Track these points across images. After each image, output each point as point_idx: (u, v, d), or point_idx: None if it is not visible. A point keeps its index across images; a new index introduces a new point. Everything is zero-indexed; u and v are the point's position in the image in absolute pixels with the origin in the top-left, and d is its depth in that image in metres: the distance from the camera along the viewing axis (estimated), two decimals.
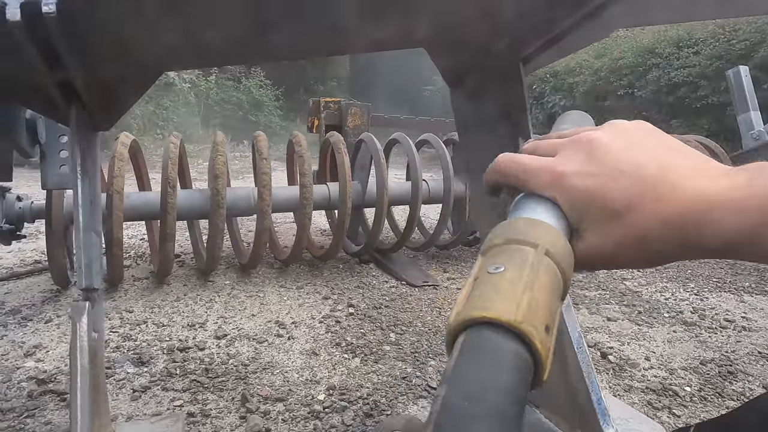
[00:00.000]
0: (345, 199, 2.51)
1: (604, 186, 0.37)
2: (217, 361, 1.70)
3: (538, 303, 0.29)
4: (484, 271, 0.32)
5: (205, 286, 2.45)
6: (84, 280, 1.07)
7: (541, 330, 0.28)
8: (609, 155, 0.38)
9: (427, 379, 1.61)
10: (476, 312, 0.28)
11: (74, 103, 0.96)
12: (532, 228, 0.35)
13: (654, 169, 0.36)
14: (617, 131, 0.40)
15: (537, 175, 0.40)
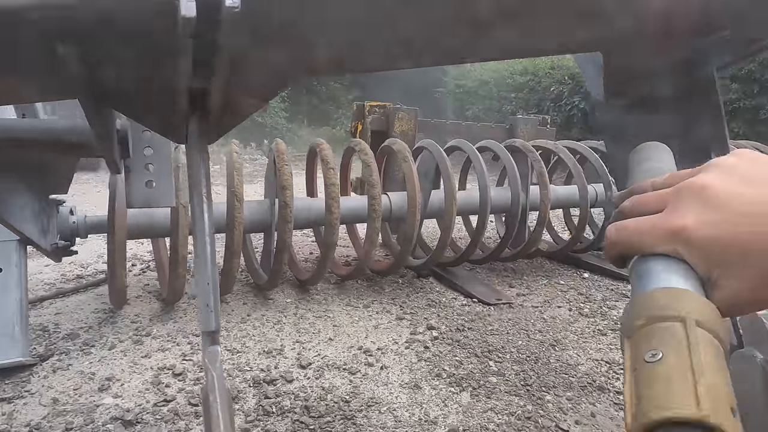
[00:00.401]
0: (414, 211, 2.35)
1: (730, 230, 0.36)
2: (313, 396, 1.54)
3: (715, 386, 0.28)
4: (640, 360, 0.30)
5: (266, 304, 2.29)
6: (213, 322, 0.92)
7: (729, 416, 0.27)
8: (726, 199, 0.37)
9: (554, 419, 1.45)
10: (655, 413, 0.27)
11: (195, 113, 0.80)
12: (670, 298, 0.34)
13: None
14: (726, 170, 0.39)
15: (653, 234, 0.39)
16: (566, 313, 2.33)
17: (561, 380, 1.68)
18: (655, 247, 0.38)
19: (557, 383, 1.65)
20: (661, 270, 0.37)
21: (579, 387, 1.64)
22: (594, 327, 2.15)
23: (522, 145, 2.88)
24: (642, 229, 0.40)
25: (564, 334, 2.07)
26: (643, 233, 0.39)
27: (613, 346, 1.97)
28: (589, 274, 2.97)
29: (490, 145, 2.86)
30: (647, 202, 0.42)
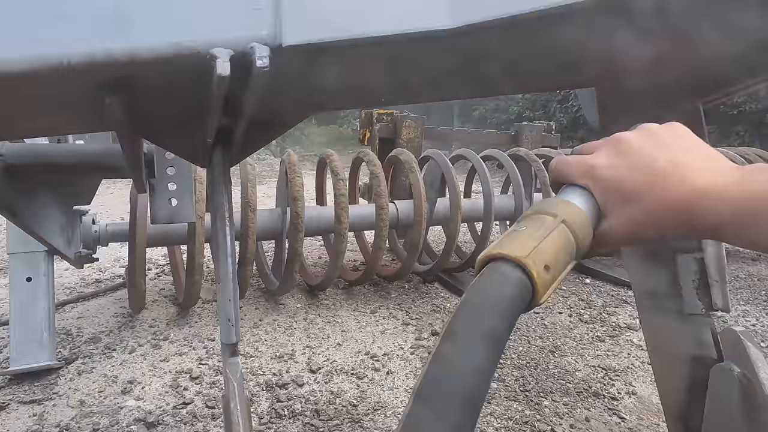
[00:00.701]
0: (420, 219, 2.44)
1: (624, 176, 0.44)
2: (322, 400, 1.63)
3: (542, 250, 0.39)
4: (513, 229, 0.42)
5: (277, 309, 2.39)
6: (234, 335, 1.01)
7: (540, 266, 0.38)
8: (630, 151, 0.45)
9: (550, 423, 1.54)
10: (495, 250, 0.38)
11: (220, 143, 0.89)
12: (558, 205, 0.44)
13: (665, 162, 0.43)
14: (645, 132, 0.47)
15: (574, 167, 0.48)
16: (566, 319, 2.40)
17: (558, 386, 1.76)
18: (574, 178, 0.48)
19: (555, 389, 1.74)
20: (572, 193, 0.48)
21: (575, 393, 1.72)
22: (593, 333, 2.23)
23: (526, 155, 2.96)
24: (570, 163, 0.49)
25: (563, 340, 2.15)
26: (570, 166, 0.49)
27: (610, 353, 2.04)
28: (590, 279, 3.04)
29: (495, 154, 2.93)
30: (588, 146, 0.51)
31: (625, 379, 1.83)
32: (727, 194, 0.39)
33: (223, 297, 1.03)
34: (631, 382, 1.80)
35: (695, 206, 0.40)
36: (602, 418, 1.59)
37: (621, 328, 2.30)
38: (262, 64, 0.61)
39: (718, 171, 0.42)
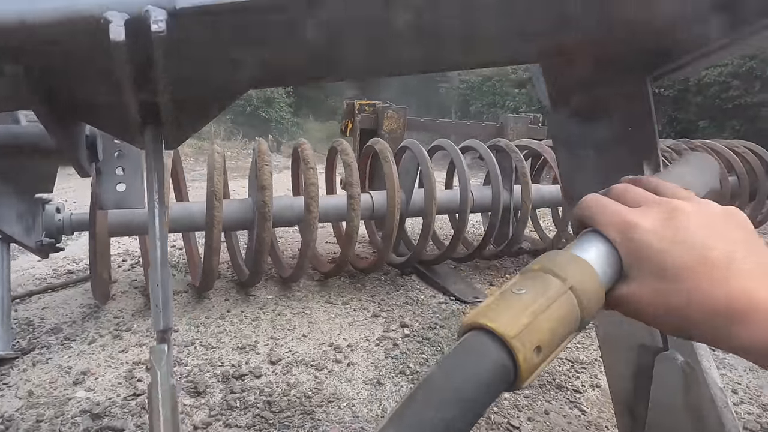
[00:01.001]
0: (393, 210, 2.39)
1: (669, 250, 0.39)
2: (277, 391, 1.59)
3: (537, 327, 0.33)
4: (511, 289, 0.36)
5: (247, 301, 2.35)
6: (162, 321, 0.97)
7: (530, 348, 0.33)
8: (686, 227, 0.40)
9: (507, 416, 1.50)
10: (483, 319, 0.33)
11: (150, 122, 0.85)
12: (570, 263, 0.39)
13: (720, 253, 0.38)
14: (705, 211, 0.42)
15: (608, 216, 0.43)
16: None
17: None
18: (605, 227, 0.42)
19: None
20: (593, 245, 0.42)
21: (539, 385, 1.68)
22: None
23: (506, 145, 2.91)
24: (608, 210, 0.43)
25: None
26: (607, 213, 0.43)
27: (580, 345, 2.00)
28: None
29: (474, 144, 2.88)
30: (633, 195, 0.45)
31: (591, 372, 1.79)
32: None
33: (152, 282, 0.99)
34: (597, 375, 1.76)
35: (739, 317, 0.36)
36: (562, 411, 1.55)
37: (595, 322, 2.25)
38: (158, 29, 0.57)
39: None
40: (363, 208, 2.59)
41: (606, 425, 1.48)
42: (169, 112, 0.82)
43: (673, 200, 0.43)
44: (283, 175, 5.01)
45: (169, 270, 1.02)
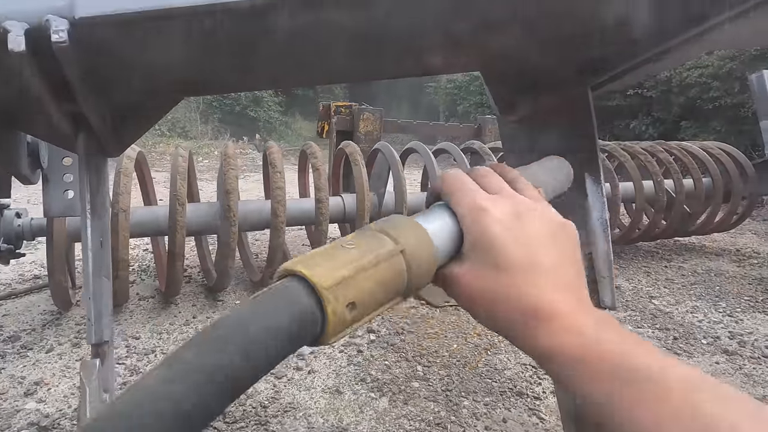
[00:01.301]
0: (363, 213, 2.38)
1: (509, 244, 0.40)
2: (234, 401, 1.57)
3: (356, 283, 0.32)
4: (342, 243, 0.34)
5: (214, 306, 2.32)
6: (94, 335, 0.94)
7: (343, 304, 0.31)
8: (529, 228, 0.42)
9: (464, 425, 1.48)
10: (300, 266, 0.31)
11: (83, 131, 0.83)
12: (408, 229, 0.38)
13: (549, 261, 0.41)
14: (547, 217, 0.45)
15: (464, 194, 0.43)
16: None
17: (483, 385, 1.71)
18: (458, 205, 0.43)
19: (478, 388, 1.68)
20: (439, 218, 0.42)
21: (499, 392, 1.67)
22: None
23: (479, 148, 2.90)
24: (466, 188, 0.44)
25: (500, 338, 2.09)
26: (463, 191, 0.44)
27: None
28: None
29: (447, 147, 2.87)
30: (492, 182, 0.47)
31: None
32: (579, 341, 0.36)
33: (84, 294, 0.97)
34: None
35: (543, 318, 0.38)
36: (520, 418, 1.54)
37: None
38: (59, 39, 0.55)
39: (574, 303, 0.39)
40: (334, 212, 2.57)
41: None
42: (99, 121, 0.80)
43: (526, 199, 0.45)
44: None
45: (104, 282, 0.99)
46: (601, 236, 1.06)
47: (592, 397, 0.34)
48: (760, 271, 3.26)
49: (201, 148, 10.29)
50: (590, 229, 1.06)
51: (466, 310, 0.43)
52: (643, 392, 0.31)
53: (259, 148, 12.38)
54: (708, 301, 2.64)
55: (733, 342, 2.13)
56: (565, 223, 0.46)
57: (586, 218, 1.05)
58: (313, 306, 0.30)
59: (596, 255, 1.07)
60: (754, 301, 2.64)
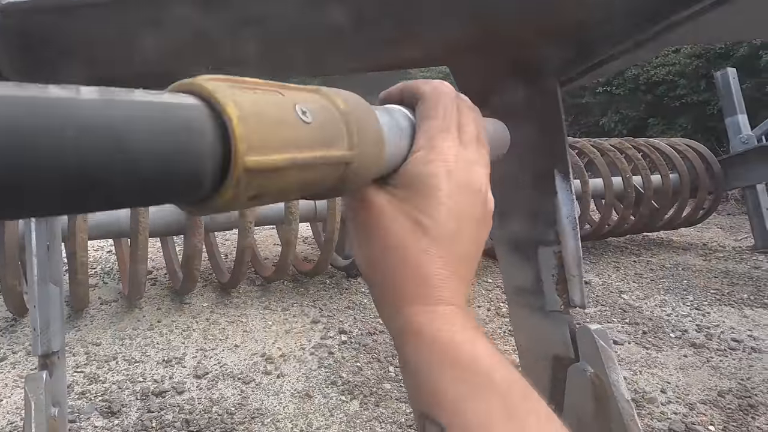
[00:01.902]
0: (334, 211, 2.33)
1: (451, 209, 0.35)
2: (198, 408, 1.51)
3: (278, 175, 0.23)
4: (300, 104, 0.26)
5: (181, 309, 2.25)
6: (41, 346, 0.89)
7: (247, 190, 0.22)
8: (481, 190, 0.38)
9: None
10: (230, 106, 0.22)
11: None
12: (371, 133, 0.30)
13: (464, 252, 0.36)
14: (491, 204, 0.40)
15: (440, 134, 0.37)
16: (484, 312, 2.34)
17: None
18: (427, 118, 0.38)
19: None
20: (398, 126, 0.36)
21: None
22: (506, 328, 2.17)
23: None
24: (448, 110, 0.38)
25: None
26: (448, 108, 0.38)
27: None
28: None
29: None
30: (472, 121, 0.41)
31: None
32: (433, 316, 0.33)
33: (30, 303, 0.91)
34: None
35: (419, 298, 0.34)
36: None
37: None
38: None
39: (450, 282, 0.35)
40: (305, 210, 2.52)
41: None
42: None
43: (484, 152, 0.40)
44: None
45: (51, 289, 0.93)
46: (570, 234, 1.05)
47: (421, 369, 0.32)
48: (725, 265, 3.34)
49: None
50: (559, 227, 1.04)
51: (354, 239, 0.38)
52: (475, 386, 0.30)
53: None
54: (676, 295, 2.69)
55: (700, 335, 2.16)
56: (491, 199, 0.40)
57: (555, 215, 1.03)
58: (216, 139, 0.21)
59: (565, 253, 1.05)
60: (720, 294, 2.69)
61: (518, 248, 1.13)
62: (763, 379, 1.79)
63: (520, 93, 1.02)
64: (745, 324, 2.31)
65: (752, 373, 1.84)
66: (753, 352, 2.01)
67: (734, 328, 2.25)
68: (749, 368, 1.88)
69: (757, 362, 1.93)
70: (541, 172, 1.05)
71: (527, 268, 1.11)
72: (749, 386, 1.74)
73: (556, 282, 1.07)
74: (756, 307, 2.52)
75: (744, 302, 2.58)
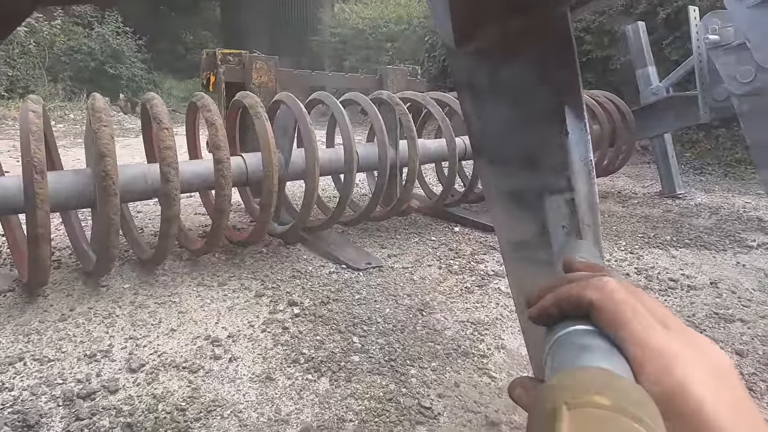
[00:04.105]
0: (271, 173, 2.09)
1: (728, 420, 0.30)
2: (140, 408, 1.28)
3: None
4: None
5: (97, 294, 1.93)
6: None
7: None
8: (741, 394, 0.32)
9: (417, 396, 1.36)
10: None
11: None
12: (639, 397, 0.27)
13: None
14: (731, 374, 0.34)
15: (648, 332, 0.33)
16: (436, 271, 2.27)
17: (427, 349, 1.59)
18: (631, 342, 0.33)
19: (423, 353, 1.57)
20: (609, 356, 0.33)
21: (444, 355, 1.57)
22: (462, 285, 2.12)
23: (389, 98, 2.72)
24: (643, 320, 0.34)
25: (433, 295, 2.00)
26: (642, 324, 0.34)
27: (479, 305, 1.94)
28: (459, 227, 2.96)
29: (356, 98, 2.65)
30: (650, 304, 0.37)
31: (494, 333, 1.72)
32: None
33: None
34: (500, 335, 1.70)
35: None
36: (472, 380, 1.45)
37: (489, 276, 2.22)
38: None
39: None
40: (235, 174, 2.25)
41: None
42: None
43: (711, 345, 0.35)
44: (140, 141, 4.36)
45: None
46: (585, 179, 0.94)
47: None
48: (642, 210, 3.55)
49: (52, 110, 8.87)
50: (572, 171, 0.93)
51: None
52: None
53: (125, 110, 11.05)
54: (609, 241, 2.80)
55: (641, 277, 2.25)
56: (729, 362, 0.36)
57: (567, 158, 0.92)
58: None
59: (579, 200, 0.94)
60: (647, 238, 2.84)
61: (519, 198, 1.01)
62: (705, 314, 1.89)
63: (523, 22, 0.87)
64: (675, 264, 2.44)
65: (695, 310, 1.93)
66: (690, 289, 2.12)
67: (668, 268, 2.37)
68: (691, 305, 1.98)
69: (696, 299, 2.04)
70: (551, 111, 0.92)
71: (529, 220, 1.00)
72: (696, 322, 1.83)
73: (566, 233, 0.96)
74: (680, 248, 2.68)
75: (669, 243, 2.74)
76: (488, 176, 1.01)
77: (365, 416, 1.27)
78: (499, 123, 0.98)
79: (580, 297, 0.36)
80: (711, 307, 1.95)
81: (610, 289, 0.36)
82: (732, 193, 4.23)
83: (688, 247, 2.68)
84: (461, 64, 0.97)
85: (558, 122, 0.91)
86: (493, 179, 1.01)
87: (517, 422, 1.27)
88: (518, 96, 0.92)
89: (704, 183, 4.67)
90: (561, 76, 0.88)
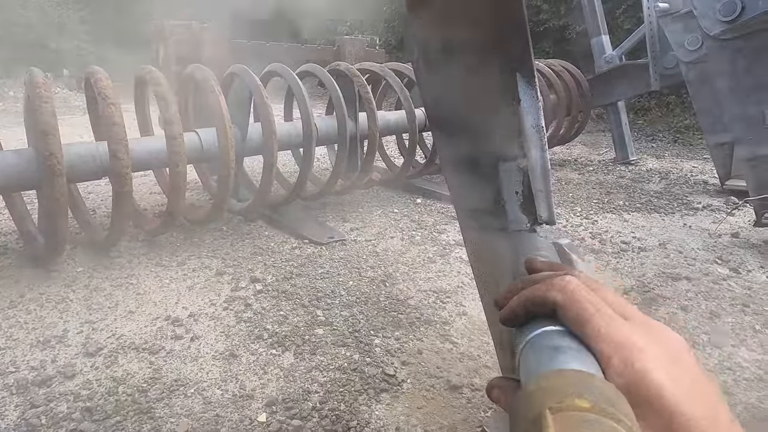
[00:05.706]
0: (227, 149, 2.04)
1: (683, 400, 0.32)
2: (100, 392, 1.25)
3: None
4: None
5: (48, 279, 1.86)
6: None
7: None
8: (696, 373, 0.35)
9: (381, 365, 1.38)
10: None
11: None
12: (613, 395, 0.29)
13: (725, 417, 0.34)
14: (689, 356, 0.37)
15: (604, 323, 0.36)
16: (398, 243, 2.29)
17: (390, 319, 1.62)
18: (596, 337, 0.36)
19: (386, 323, 1.59)
20: (578, 355, 0.35)
21: (407, 324, 1.59)
22: (424, 255, 2.14)
23: (347, 69, 2.67)
24: (604, 315, 0.36)
25: (395, 267, 2.02)
26: (603, 318, 0.36)
27: (441, 274, 1.97)
28: (422, 198, 2.98)
29: (313, 69, 2.59)
30: (612, 299, 0.39)
31: (455, 300, 1.76)
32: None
33: None
34: (461, 302, 1.74)
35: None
36: (434, 347, 1.48)
37: (450, 246, 2.26)
38: None
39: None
40: (190, 150, 2.18)
41: (477, 354, 1.45)
42: None
43: (670, 330, 0.38)
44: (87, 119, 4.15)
45: None
46: (537, 145, 0.95)
47: None
48: (597, 177, 3.66)
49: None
50: (524, 138, 0.94)
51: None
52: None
53: (69, 86, 10.48)
54: (566, 207, 2.88)
55: (595, 241, 2.34)
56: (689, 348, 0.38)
57: (519, 126, 0.93)
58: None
59: (531, 166, 0.96)
60: (601, 203, 2.94)
61: (474, 167, 1.02)
62: (654, 274, 1.99)
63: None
64: (627, 227, 2.54)
65: (645, 270, 2.03)
66: (641, 251, 2.22)
67: (620, 231, 2.47)
68: (641, 266, 2.07)
69: (646, 260, 2.13)
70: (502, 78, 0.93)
71: (484, 188, 1.01)
72: (646, 281, 1.92)
73: (520, 199, 0.98)
74: (632, 212, 2.79)
75: (621, 208, 2.85)
76: (443, 145, 1.01)
77: (330, 387, 1.28)
78: (452, 91, 0.97)
79: (545, 298, 0.39)
80: (660, 267, 2.05)
81: (572, 289, 0.38)
82: (681, 158, 4.41)
83: (639, 211, 2.79)
84: (415, 30, 0.96)
85: (510, 90, 0.91)
86: (447, 148, 1.01)
87: (477, 384, 1.31)
88: (470, 63, 0.91)
89: (655, 149, 4.84)
90: (512, 44, 0.88)
